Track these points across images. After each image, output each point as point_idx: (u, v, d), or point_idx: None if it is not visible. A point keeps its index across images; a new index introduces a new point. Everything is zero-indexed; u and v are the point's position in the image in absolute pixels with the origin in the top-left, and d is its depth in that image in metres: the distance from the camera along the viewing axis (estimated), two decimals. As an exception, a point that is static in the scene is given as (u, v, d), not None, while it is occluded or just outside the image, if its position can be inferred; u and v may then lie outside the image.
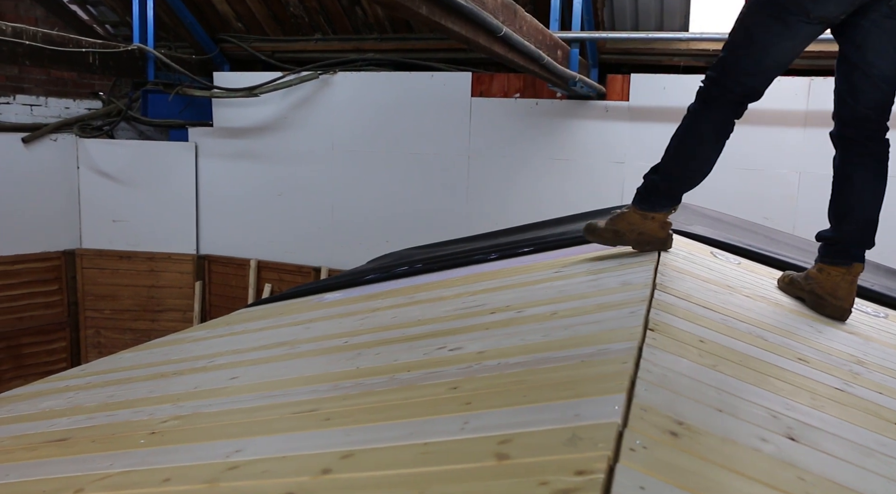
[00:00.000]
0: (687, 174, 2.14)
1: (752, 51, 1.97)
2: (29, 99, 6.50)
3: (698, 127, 2.08)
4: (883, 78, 1.95)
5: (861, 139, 2.02)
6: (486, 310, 1.90)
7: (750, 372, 1.31)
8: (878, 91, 1.96)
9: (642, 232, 2.17)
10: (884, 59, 1.93)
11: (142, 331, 6.64)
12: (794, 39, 1.95)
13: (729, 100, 2.03)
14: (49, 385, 2.45)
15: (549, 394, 1.06)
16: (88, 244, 6.87)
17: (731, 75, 2.01)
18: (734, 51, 2.01)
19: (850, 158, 2.05)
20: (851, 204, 2.05)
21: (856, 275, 2.04)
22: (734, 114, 2.05)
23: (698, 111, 2.08)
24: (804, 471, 0.93)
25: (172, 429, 1.44)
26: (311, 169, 6.37)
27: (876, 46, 1.92)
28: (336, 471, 0.95)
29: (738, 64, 2.00)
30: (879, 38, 1.91)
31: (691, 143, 2.11)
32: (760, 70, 1.99)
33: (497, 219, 5.38)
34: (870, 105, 1.98)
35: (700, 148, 2.10)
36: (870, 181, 2.03)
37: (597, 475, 0.74)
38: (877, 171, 2.03)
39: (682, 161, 2.13)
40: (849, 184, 2.05)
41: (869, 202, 2.03)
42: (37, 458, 1.46)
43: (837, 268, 2.04)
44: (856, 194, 2.04)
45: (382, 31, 6.26)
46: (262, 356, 2.06)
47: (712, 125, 2.06)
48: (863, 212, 2.04)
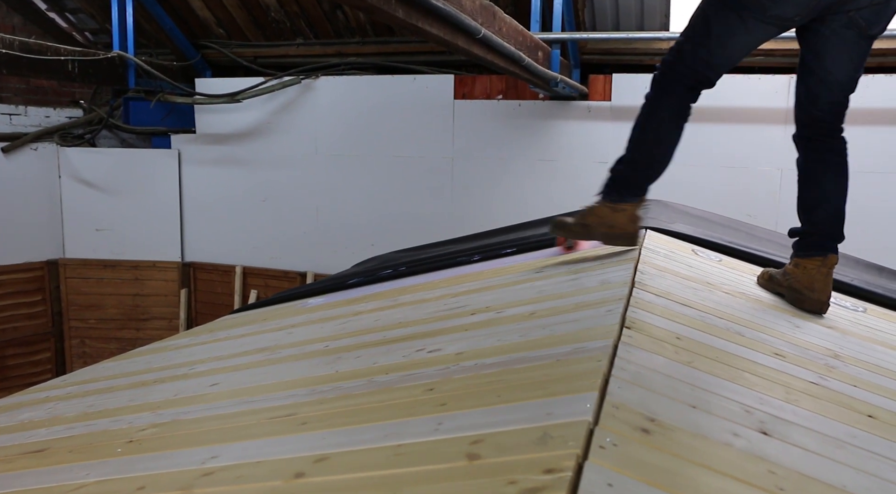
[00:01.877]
0: (652, 160, 2.15)
1: (708, 41, 2.02)
2: (8, 108, 6.44)
3: (657, 112, 2.11)
4: (838, 84, 2.02)
5: (819, 138, 2.09)
6: (466, 312, 1.90)
7: (725, 368, 1.32)
8: (832, 96, 2.03)
9: (612, 225, 2.15)
10: (839, 67, 2.00)
11: (127, 340, 6.59)
12: (749, 35, 1.99)
13: (683, 86, 2.07)
14: (30, 396, 2.43)
15: (522, 394, 1.06)
16: (72, 253, 6.82)
17: (686, 63, 2.05)
18: (691, 39, 2.06)
19: (811, 156, 2.11)
20: (818, 198, 2.10)
21: (831, 267, 2.06)
22: (690, 99, 2.10)
23: (656, 98, 2.11)
24: (775, 465, 0.93)
25: (150, 437, 1.44)
26: (295, 174, 6.35)
27: (833, 54, 1.99)
28: (309, 475, 0.94)
29: (693, 53, 2.04)
30: (836, 46, 1.98)
31: (653, 129, 2.12)
32: (714, 61, 2.04)
33: (481, 220, 5.38)
34: (825, 108, 2.04)
35: (661, 131, 2.12)
36: (833, 176, 2.08)
37: (565, 473, 0.74)
38: (838, 165, 2.08)
39: (645, 147, 2.14)
40: (813, 181, 2.10)
41: (834, 195, 2.08)
42: (13, 470, 1.44)
43: (812, 261, 2.06)
44: (821, 189, 2.09)
45: (364, 35, 6.26)
46: (243, 362, 2.05)
47: (670, 110, 2.10)
48: (830, 206, 2.08)
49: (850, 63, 2.00)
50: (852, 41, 1.97)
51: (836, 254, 2.08)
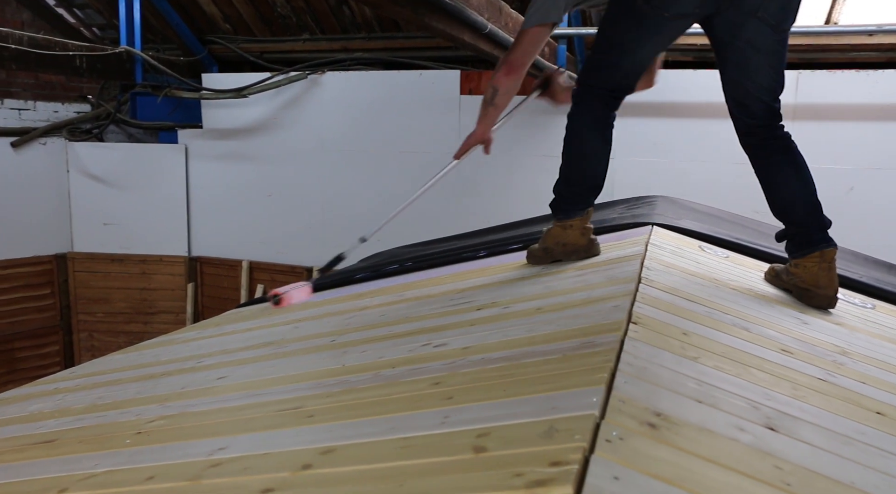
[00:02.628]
0: (583, 174, 2.22)
1: (613, 53, 2.09)
2: (17, 103, 6.47)
3: (577, 127, 2.18)
4: (764, 90, 2.03)
5: (762, 143, 2.09)
6: (472, 307, 1.90)
7: (732, 364, 1.32)
8: (761, 102, 2.04)
9: (565, 243, 2.24)
10: (764, 74, 2.02)
11: (135, 334, 6.62)
12: (653, 39, 2.06)
13: (597, 96, 2.14)
14: (38, 387, 2.45)
15: (529, 388, 1.06)
16: (80, 247, 6.85)
17: (598, 77, 2.13)
18: (595, 53, 2.15)
19: (762, 162, 2.11)
20: (787, 199, 2.09)
21: (830, 261, 2.04)
22: (607, 107, 2.16)
23: (573, 113, 2.19)
24: (782, 460, 0.93)
25: (158, 429, 1.44)
26: (301, 169, 6.36)
27: (753, 64, 2.01)
28: (316, 466, 0.95)
29: (602, 66, 2.12)
30: (755, 56, 1.99)
31: (576, 144, 2.19)
32: (624, 70, 2.11)
33: (488, 216, 5.38)
34: (757, 115, 2.06)
35: (584, 146, 2.18)
36: (791, 172, 2.07)
37: (571, 466, 0.75)
38: (791, 161, 2.07)
39: (574, 163, 2.21)
40: (774, 184, 2.10)
41: (801, 190, 2.07)
42: (23, 459, 1.46)
43: (810, 258, 2.05)
44: (785, 189, 2.08)
45: (370, 31, 6.26)
46: (250, 356, 2.06)
47: (588, 123, 2.16)
48: (801, 201, 2.07)
49: (771, 68, 2.02)
50: (768, 45, 1.99)
51: (832, 246, 2.05)
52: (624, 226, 2.83)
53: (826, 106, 4.89)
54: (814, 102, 4.88)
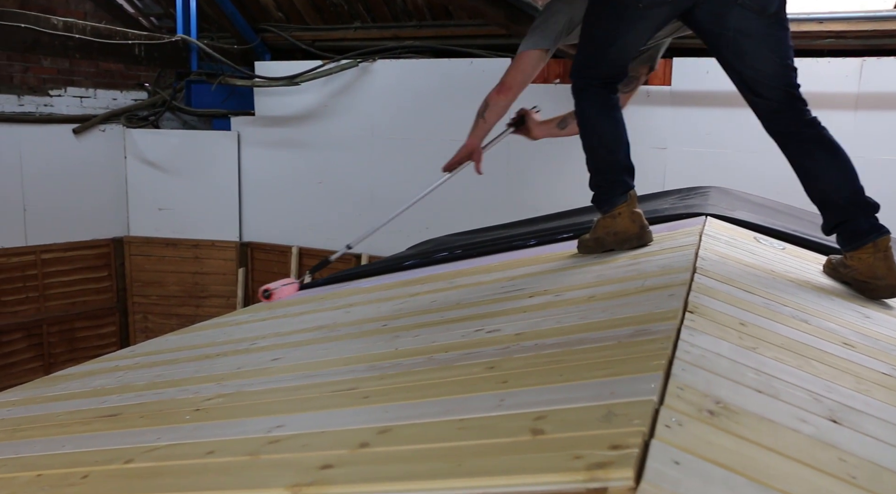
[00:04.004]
0: (608, 158, 2.25)
1: (594, 47, 2.15)
2: (79, 91, 6.67)
3: (586, 116, 2.23)
4: (772, 77, 1.97)
5: (790, 129, 2.02)
6: (523, 294, 1.90)
7: (791, 355, 1.29)
8: (775, 89, 1.98)
9: (616, 231, 2.24)
10: (764, 62, 1.97)
11: (187, 317, 6.79)
12: (636, 28, 2.09)
13: (595, 88, 2.19)
14: (100, 365, 2.53)
15: (585, 373, 1.06)
16: (136, 232, 7.05)
17: (586, 68, 2.19)
18: (582, 49, 2.19)
19: (793, 150, 2.04)
20: (824, 189, 2.01)
21: (885, 249, 1.95)
22: (608, 91, 2.21)
23: (579, 107, 2.24)
24: (846, 453, 0.91)
25: (216, 407, 1.48)
26: (351, 156, 6.42)
27: (751, 52, 1.96)
28: (373, 445, 0.96)
29: (587, 60, 2.18)
30: (749, 44, 1.95)
31: (589, 133, 2.25)
32: (608, 60, 2.16)
33: (537, 205, 5.36)
34: (775, 99, 2.00)
35: (597, 132, 2.23)
36: (827, 161, 1.99)
37: (631, 449, 0.74)
38: (825, 148, 1.99)
39: (597, 152, 2.26)
40: (810, 174, 2.02)
41: (840, 178, 1.98)
42: (90, 431, 1.51)
43: (863, 250, 1.98)
44: (821, 179, 2.00)
45: (421, 18, 6.26)
46: (303, 339, 2.10)
47: (595, 110, 2.21)
48: (841, 190, 1.98)
49: (772, 54, 1.96)
50: (759, 30, 1.93)
51: (883, 234, 1.96)
52: (676, 217, 2.78)
53: (891, 94, 4.72)
54: (878, 91, 4.71)
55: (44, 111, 6.40)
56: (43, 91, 6.41)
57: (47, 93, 6.44)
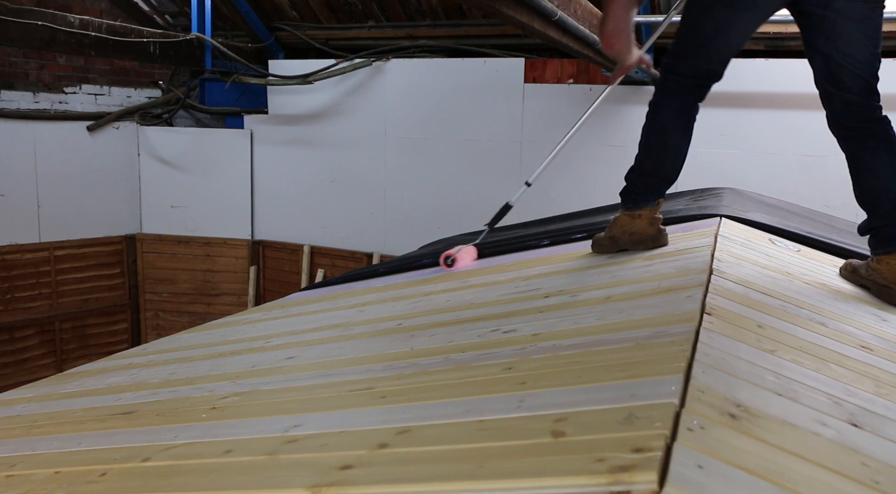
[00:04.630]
0: (660, 166, 2.16)
1: (698, 37, 2.02)
2: (94, 88, 6.71)
3: (660, 118, 2.12)
4: (860, 64, 1.91)
5: (859, 124, 1.97)
6: (539, 295, 1.90)
7: (810, 358, 1.28)
8: (858, 78, 1.93)
9: (633, 232, 2.21)
10: (856, 47, 1.90)
11: (198, 314, 6.82)
12: (743, 22, 1.99)
13: (685, 86, 2.08)
14: (114, 362, 2.55)
15: (604, 375, 1.06)
16: (148, 229, 7.08)
17: (686, 64, 2.06)
18: (682, 39, 2.07)
19: (855, 145, 1.99)
20: (876, 189, 1.98)
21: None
22: (694, 98, 2.10)
23: (658, 103, 2.12)
24: (868, 457, 0.91)
25: (232, 405, 1.49)
26: (364, 155, 6.42)
27: (846, 35, 1.90)
28: (393, 446, 0.96)
29: (687, 51, 2.05)
30: (847, 26, 1.89)
31: (657, 135, 2.13)
32: (714, 56, 2.04)
33: (550, 205, 5.34)
34: (854, 90, 1.94)
35: (667, 137, 2.13)
36: (885, 161, 1.95)
37: (655, 452, 0.74)
38: (888, 150, 1.95)
39: (652, 155, 2.16)
40: (866, 171, 1.99)
41: (892, 183, 1.95)
42: (106, 429, 1.52)
43: (894, 256, 1.97)
44: (876, 178, 1.97)
45: (435, 18, 6.26)
46: (317, 337, 2.10)
47: (673, 113, 2.11)
48: (890, 195, 1.96)
49: (866, 40, 1.90)
50: (861, 13, 1.88)
51: None
52: (691, 218, 2.77)
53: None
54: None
55: (58, 108, 6.45)
56: (58, 88, 6.45)
57: (62, 90, 6.48)
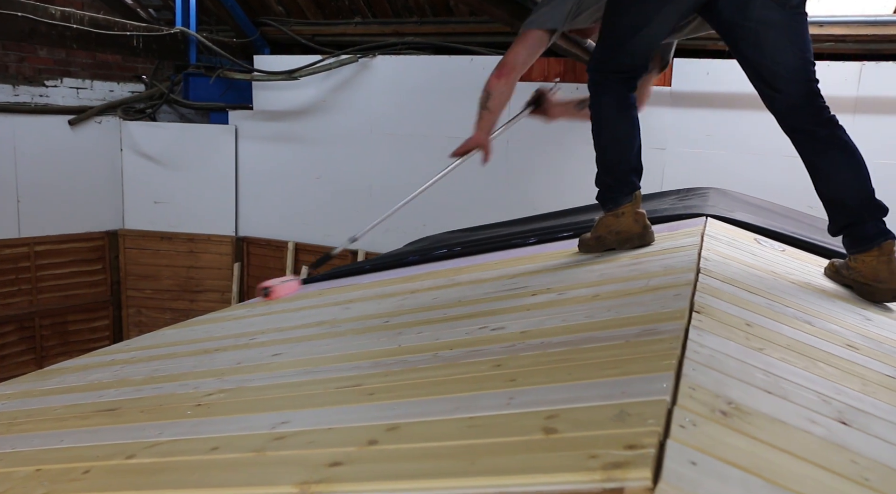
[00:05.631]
0: (620, 158, 2.22)
1: (618, 36, 2.12)
2: (75, 82, 6.63)
3: (601, 113, 2.20)
4: (792, 70, 1.95)
5: (806, 127, 1.99)
6: (526, 292, 1.90)
7: (798, 357, 1.29)
8: (793, 83, 1.96)
9: (619, 230, 2.23)
10: (784, 54, 1.94)
11: (181, 311, 6.76)
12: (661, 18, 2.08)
13: (615, 82, 2.15)
14: (96, 358, 2.52)
15: (595, 372, 1.05)
16: (131, 225, 7.01)
17: (607, 60, 2.15)
18: (604, 39, 2.17)
19: (807, 148, 2.01)
20: (835, 189, 1.99)
21: (889, 254, 1.94)
22: (626, 88, 2.18)
23: (596, 102, 2.20)
24: (857, 454, 0.91)
25: (218, 402, 1.47)
26: (350, 152, 6.40)
27: (771, 43, 1.94)
28: (382, 443, 0.96)
29: (609, 51, 2.14)
30: (769, 34, 1.93)
31: (605, 130, 2.21)
32: (630, 50, 2.12)
33: (536, 203, 5.35)
34: (794, 95, 1.97)
35: (613, 129, 2.20)
36: (840, 161, 1.97)
37: (647, 449, 0.74)
38: (842, 149, 1.97)
39: (607, 149, 2.23)
40: (822, 173, 2.00)
41: (852, 180, 1.96)
42: (89, 426, 1.50)
43: (868, 254, 1.97)
44: (834, 180, 1.98)
45: (422, 15, 6.25)
46: (304, 334, 2.09)
47: (612, 107, 2.18)
48: (852, 191, 1.97)
49: (792, 46, 1.93)
50: (781, 20, 1.91)
51: (889, 238, 1.95)
52: (677, 217, 2.78)
53: (890, 99, 4.73)
54: (877, 95, 4.72)
55: (39, 101, 6.36)
56: (39, 81, 6.37)
57: (43, 83, 6.39)
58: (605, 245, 2.27)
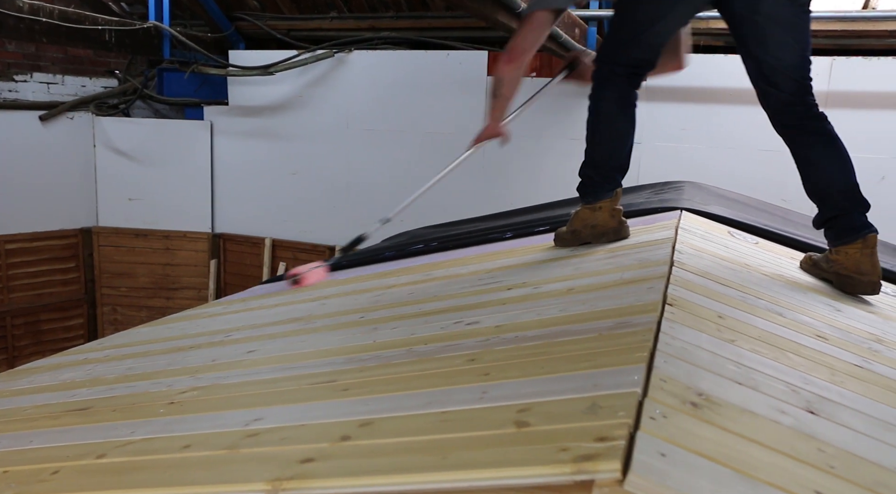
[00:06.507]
0: (610, 155, 2.21)
1: (630, 29, 2.09)
2: (46, 77, 6.52)
3: (603, 107, 2.17)
4: (791, 67, 1.99)
5: (797, 122, 2.04)
6: (502, 287, 1.90)
7: (768, 348, 1.30)
8: (791, 80, 2.00)
9: (595, 224, 2.23)
10: (786, 50, 1.98)
11: (157, 309, 6.69)
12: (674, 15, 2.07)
13: (621, 75, 2.12)
14: (68, 357, 2.48)
15: (567, 365, 1.06)
16: (105, 222, 6.92)
17: (615, 53, 2.12)
18: (616, 31, 2.14)
19: (798, 142, 2.06)
20: (823, 182, 2.04)
21: (873, 247, 1.99)
22: (631, 86, 2.15)
23: (597, 94, 2.17)
24: (824, 443, 0.92)
25: (192, 400, 1.46)
26: (326, 147, 6.36)
27: (776, 39, 1.97)
28: (355, 438, 0.95)
29: (619, 42, 2.12)
30: (776, 30, 1.96)
31: (601, 125, 2.18)
32: (641, 45, 2.10)
33: (513, 198, 5.36)
34: (789, 91, 2.01)
35: (612, 126, 2.18)
36: (829, 155, 2.03)
37: (617, 441, 0.74)
38: (829, 143, 2.03)
39: (601, 145, 2.20)
40: (812, 166, 2.05)
41: (839, 172, 2.02)
42: (59, 425, 1.48)
43: (852, 246, 2.01)
44: (823, 171, 2.04)
45: (398, 10, 6.22)
46: (278, 330, 2.08)
47: (613, 102, 2.15)
48: (840, 185, 2.02)
49: (795, 44, 1.98)
50: (788, 18, 1.95)
51: (873, 231, 2.01)
52: (652, 211, 2.80)
53: (860, 93, 4.80)
54: (847, 89, 4.79)
55: (8, 97, 6.25)
56: (7, 76, 6.25)
57: (12, 78, 6.28)
58: (581, 239, 2.27)
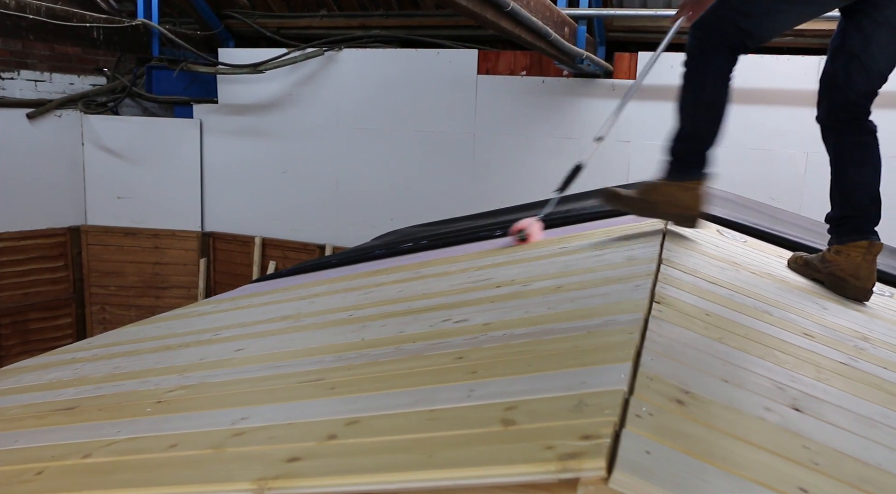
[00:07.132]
0: (707, 127, 2.06)
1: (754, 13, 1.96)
2: (33, 74, 6.47)
3: (705, 77, 2.03)
4: (878, 73, 2.01)
5: (851, 121, 2.07)
6: (491, 284, 1.90)
7: (755, 346, 1.31)
8: (870, 82, 2.02)
9: (679, 204, 2.05)
10: (884, 56, 1.99)
11: (146, 308, 6.65)
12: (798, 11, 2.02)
13: (726, 49, 1.99)
14: (56, 357, 2.47)
15: (554, 363, 1.06)
16: (94, 220, 6.88)
17: (728, 29, 1.97)
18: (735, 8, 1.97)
19: (848, 140, 2.08)
20: (856, 182, 2.07)
21: (875, 255, 2.03)
22: (732, 62, 2.02)
23: (700, 64, 2.02)
24: (809, 440, 0.93)
25: (179, 398, 1.45)
26: (316, 146, 6.35)
27: (881, 42, 1.97)
28: (342, 437, 0.95)
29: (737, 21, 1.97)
30: (886, 35, 1.96)
31: (706, 95, 2.04)
32: (757, 33, 1.98)
33: (502, 197, 5.36)
34: (860, 92, 2.03)
35: (715, 97, 2.03)
36: (869, 158, 2.06)
37: (603, 439, 0.74)
38: (873, 147, 2.06)
39: (698, 116, 2.06)
40: (850, 164, 2.08)
41: (870, 178, 2.06)
42: (45, 425, 1.47)
43: (856, 247, 2.02)
44: (859, 172, 2.07)
45: (388, 8, 6.21)
46: (267, 329, 2.07)
47: (716, 72, 2.01)
48: (868, 188, 2.06)
49: (894, 53, 1.99)
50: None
51: (880, 242, 2.05)
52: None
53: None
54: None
55: (-5, 94, 6.21)
56: (-6, 73, 6.21)
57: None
58: (654, 212, 2.10)
